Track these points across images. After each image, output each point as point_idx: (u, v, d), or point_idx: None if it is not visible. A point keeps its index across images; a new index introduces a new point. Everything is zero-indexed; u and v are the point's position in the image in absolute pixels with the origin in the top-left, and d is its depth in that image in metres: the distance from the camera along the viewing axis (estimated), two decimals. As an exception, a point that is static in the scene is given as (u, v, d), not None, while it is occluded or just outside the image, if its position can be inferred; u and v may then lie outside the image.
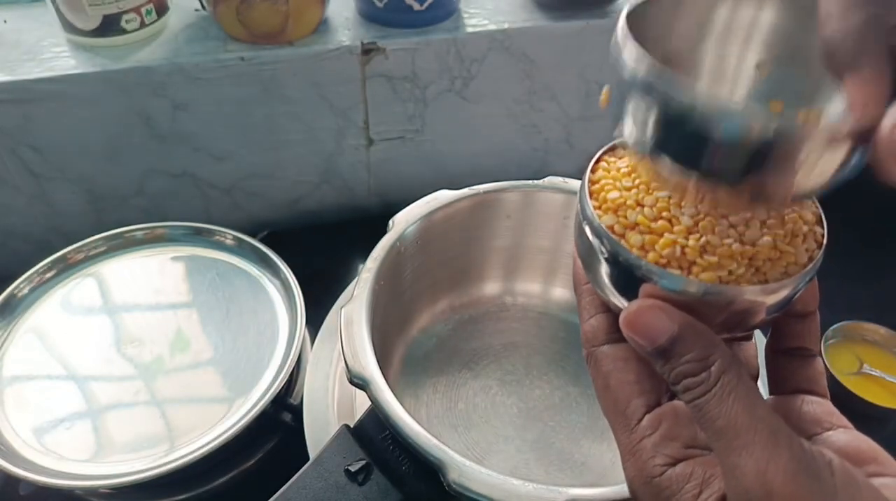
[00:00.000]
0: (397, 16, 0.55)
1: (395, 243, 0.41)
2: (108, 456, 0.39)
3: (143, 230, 0.51)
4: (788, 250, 0.21)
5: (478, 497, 0.29)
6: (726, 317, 0.21)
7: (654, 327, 0.20)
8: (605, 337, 0.23)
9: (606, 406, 0.23)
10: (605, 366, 0.23)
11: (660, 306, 0.20)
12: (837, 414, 0.23)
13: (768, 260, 0.21)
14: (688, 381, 0.20)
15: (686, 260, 0.21)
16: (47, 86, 0.50)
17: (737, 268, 0.21)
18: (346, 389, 0.43)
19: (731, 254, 0.21)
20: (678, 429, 0.21)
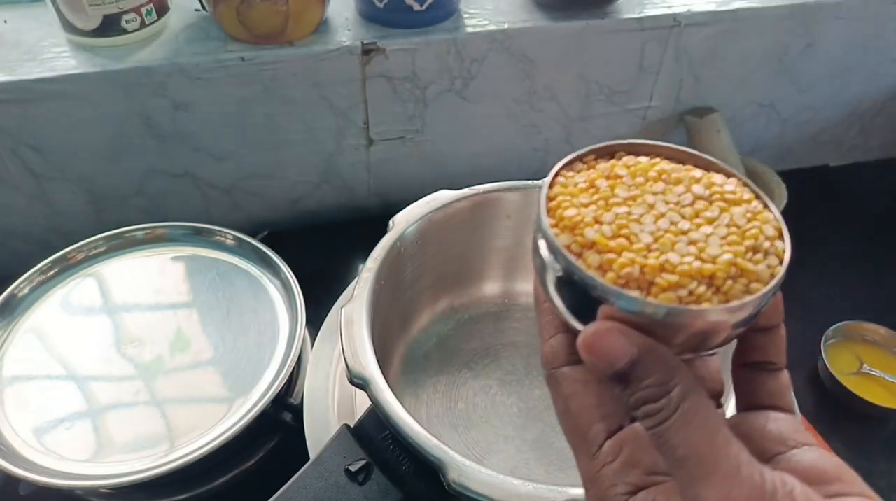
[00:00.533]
0: (397, 16, 0.55)
1: (395, 243, 0.41)
2: (108, 456, 0.39)
3: (144, 230, 0.51)
4: (749, 267, 0.21)
5: (478, 496, 0.29)
6: (687, 338, 0.21)
7: (612, 350, 0.20)
8: (566, 358, 0.23)
9: (567, 430, 0.22)
10: (566, 389, 0.22)
11: (618, 328, 0.20)
12: (803, 431, 0.22)
13: (729, 279, 0.21)
14: (647, 407, 0.19)
15: (645, 279, 0.20)
16: (47, 86, 0.50)
17: (697, 288, 0.20)
18: (346, 389, 0.43)
19: (691, 273, 0.20)
20: (639, 454, 0.21)
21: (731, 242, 0.21)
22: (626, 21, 0.58)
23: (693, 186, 0.23)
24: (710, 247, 0.21)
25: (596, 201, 0.23)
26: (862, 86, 0.70)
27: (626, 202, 0.22)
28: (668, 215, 0.22)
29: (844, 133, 0.74)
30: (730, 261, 0.21)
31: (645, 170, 0.24)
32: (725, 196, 0.23)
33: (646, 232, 0.21)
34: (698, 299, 0.20)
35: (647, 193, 0.23)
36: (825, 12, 0.61)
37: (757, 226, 0.22)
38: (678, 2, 0.59)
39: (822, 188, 0.73)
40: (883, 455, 0.49)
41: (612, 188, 0.23)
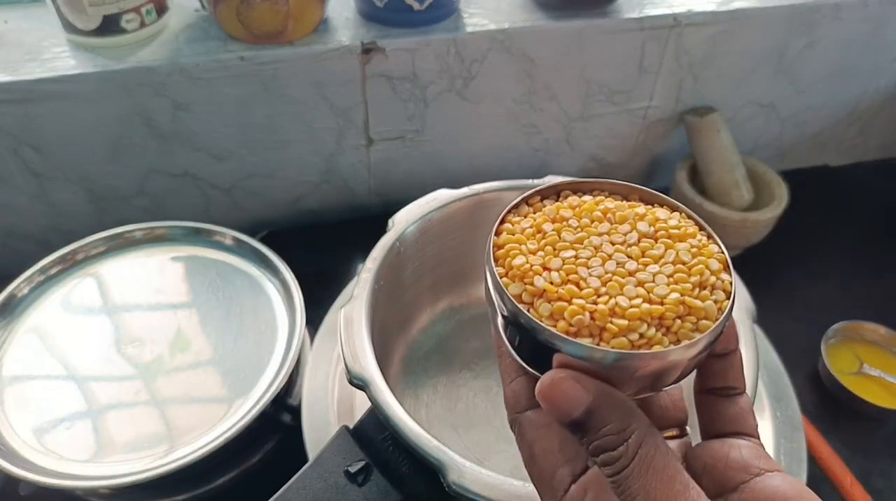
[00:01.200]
0: (397, 16, 0.55)
1: (395, 243, 0.41)
2: (108, 456, 0.39)
3: (143, 230, 0.51)
4: (696, 305, 0.21)
5: (478, 498, 0.29)
6: (642, 379, 0.21)
7: (568, 399, 0.20)
8: (528, 401, 0.23)
9: (532, 475, 0.23)
10: (529, 434, 0.22)
11: (573, 376, 0.20)
12: (765, 457, 0.22)
13: (678, 318, 0.21)
14: (605, 456, 0.20)
15: (596, 325, 0.21)
16: (48, 86, 0.50)
17: (647, 330, 0.21)
18: (345, 389, 0.43)
19: (640, 316, 0.21)
20: (605, 496, 0.21)
21: (678, 280, 0.22)
22: (627, 21, 0.58)
23: (638, 224, 0.23)
24: (657, 287, 0.21)
25: (543, 247, 0.23)
26: (862, 86, 0.70)
27: (573, 245, 0.23)
28: (615, 256, 0.22)
29: (844, 133, 0.74)
30: (678, 300, 0.21)
31: (590, 211, 0.24)
32: (670, 232, 0.23)
33: (594, 275, 0.22)
34: (649, 341, 0.20)
35: (592, 235, 0.23)
36: (825, 12, 0.61)
37: (702, 260, 0.22)
38: (678, 2, 0.59)
39: (822, 188, 0.72)
40: (883, 455, 0.49)
41: (558, 232, 0.23)
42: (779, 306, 0.52)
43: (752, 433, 0.23)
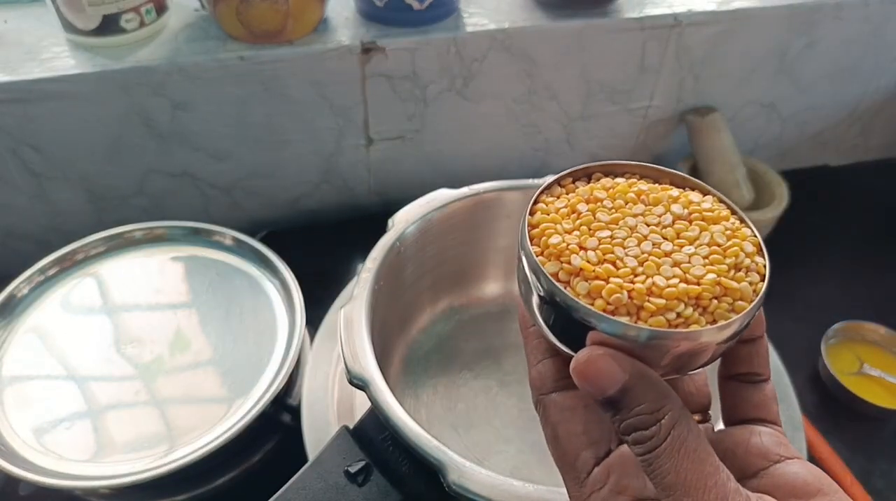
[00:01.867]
0: (397, 15, 0.55)
1: (395, 243, 0.41)
2: (108, 456, 0.39)
3: (143, 230, 0.51)
4: (733, 286, 0.21)
5: (478, 498, 0.29)
6: (675, 359, 0.21)
7: (604, 376, 0.20)
8: (553, 383, 0.23)
9: (556, 457, 0.23)
10: (553, 416, 0.22)
11: (610, 354, 0.20)
12: (786, 445, 0.22)
13: (714, 299, 0.21)
14: (638, 434, 0.20)
15: (634, 304, 0.21)
16: (47, 86, 0.50)
17: (684, 310, 0.21)
18: (345, 390, 0.43)
19: (678, 295, 0.21)
20: (627, 480, 0.21)
21: (714, 261, 0.22)
22: (627, 21, 0.58)
23: (672, 206, 0.23)
24: (693, 268, 0.21)
25: (578, 226, 0.23)
26: (862, 86, 0.70)
27: (609, 226, 0.23)
28: (651, 237, 0.22)
29: (844, 133, 0.74)
30: (714, 281, 0.21)
31: (624, 192, 0.24)
32: (704, 214, 0.23)
33: (630, 255, 0.22)
34: (686, 321, 0.21)
35: (627, 216, 0.23)
36: (825, 12, 0.61)
37: (736, 242, 0.23)
38: (678, 1, 0.59)
39: (822, 188, 0.72)
40: (883, 455, 0.49)
41: (593, 212, 0.23)
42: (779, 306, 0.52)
43: (775, 420, 0.23)
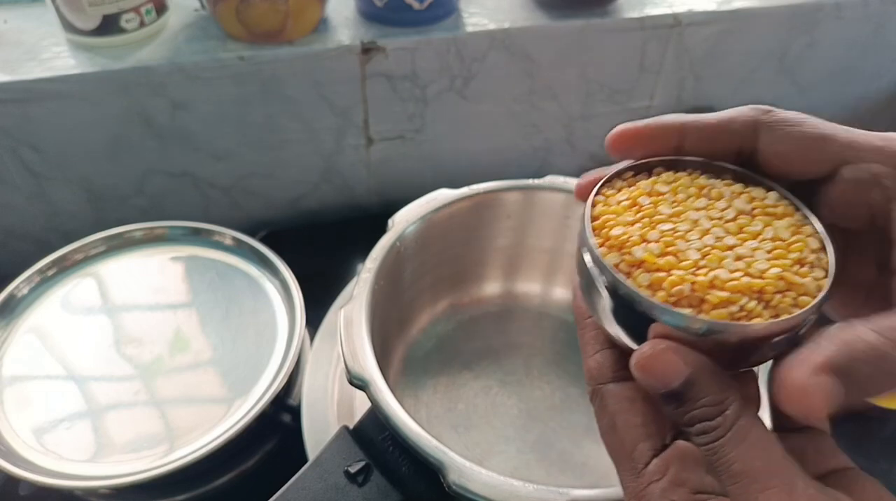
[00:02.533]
0: (397, 15, 0.55)
1: (395, 243, 0.41)
2: (108, 456, 0.39)
3: (143, 230, 0.51)
4: (797, 281, 0.21)
5: (478, 498, 0.29)
6: (736, 353, 0.21)
7: (667, 370, 0.20)
8: (611, 374, 0.23)
9: (612, 447, 0.22)
10: (612, 406, 0.22)
11: (672, 348, 0.20)
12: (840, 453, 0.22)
13: (777, 293, 0.21)
14: (703, 425, 0.19)
15: (696, 296, 0.20)
16: (47, 86, 0.50)
17: (747, 303, 0.20)
18: (345, 390, 0.43)
19: (741, 288, 0.20)
20: (686, 474, 0.20)
21: (777, 256, 0.21)
22: (627, 20, 0.57)
23: (734, 201, 0.23)
24: (757, 262, 0.21)
25: (640, 219, 0.23)
26: (862, 86, 0.70)
27: (671, 219, 0.23)
28: (713, 231, 0.22)
29: (845, 132, 0.74)
30: (778, 275, 0.21)
31: (686, 186, 0.24)
32: (767, 209, 0.23)
33: (692, 248, 0.22)
34: (749, 314, 0.20)
35: (689, 209, 0.23)
36: (825, 12, 0.61)
37: (801, 238, 0.22)
38: (679, 1, 0.59)
39: (823, 187, 0.72)
40: (883, 455, 0.49)
41: (655, 205, 0.23)
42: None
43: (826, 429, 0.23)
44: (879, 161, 0.22)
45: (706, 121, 0.24)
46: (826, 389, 0.18)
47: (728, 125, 0.24)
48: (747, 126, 0.24)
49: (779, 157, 0.23)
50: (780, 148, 0.23)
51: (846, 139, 0.22)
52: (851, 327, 0.19)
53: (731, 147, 0.24)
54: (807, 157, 0.23)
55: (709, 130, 0.24)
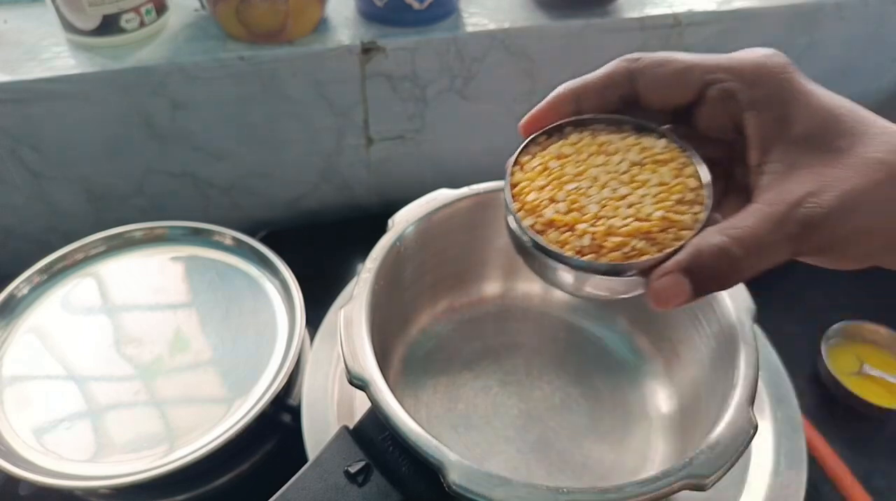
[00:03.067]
0: (397, 15, 0.55)
1: (395, 243, 0.41)
2: (108, 457, 0.39)
3: (143, 230, 0.51)
4: (676, 218, 0.26)
5: (478, 498, 0.29)
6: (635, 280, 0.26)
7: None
8: None
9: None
10: None
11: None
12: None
13: (661, 232, 0.25)
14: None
15: (596, 244, 0.26)
16: (47, 86, 0.50)
17: (637, 243, 0.25)
18: (345, 390, 0.43)
19: (631, 233, 0.25)
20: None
21: (661, 199, 0.26)
22: (627, 20, 0.57)
23: (628, 154, 0.28)
24: (645, 207, 0.26)
25: (551, 181, 0.27)
26: (863, 86, 0.70)
27: (575, 178, 0.27)
28: (610, 184, 0.27)
29: (845, 132, 0.74)
30: (661, 217, 0.25)
31: (588, 145, 0.28)
32: (656, 157, 0.27)
33: (593, 202, 0.26)
34: (639, 252, 0.25)
35: (591, 167, 0.27)
36: (825, 12, 0.61)
37: (681, 181, 0.27)
38: (679, 1, 0.59)
39: (823, 187, 0.72)
40: (884, 455, 0.49)
41: (562, 167, 0.28)
42: (779, 306, 0.52)
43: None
44: (733, 78, 0.26)
45: (591, 80, 0.28)
46: (671, 286, 0.24)
47: (608, 80, 0.28)
48: (624, 76, 0.28)
49: (655, 94, 0.27)
50: (653, 86, 0.27)
51: (706, 65, 0.26)
52: (703, 234, 0.24)
53: (616, 97, 0.28)
54: (676, 89, 0.27)
55: (595, 88, 0.28)
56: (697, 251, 0.24)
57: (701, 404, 0.39)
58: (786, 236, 0.23)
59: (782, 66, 0.26)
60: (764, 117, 0.25)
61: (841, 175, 0.23)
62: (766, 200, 0.24)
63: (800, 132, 0.25)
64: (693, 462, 0.29)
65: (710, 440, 0.30)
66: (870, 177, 0.23)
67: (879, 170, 0.23)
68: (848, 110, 0.25)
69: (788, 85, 0.25)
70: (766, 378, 0.44)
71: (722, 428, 0.30)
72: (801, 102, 0.25)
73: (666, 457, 0.41)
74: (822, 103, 0.25)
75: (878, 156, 0.23)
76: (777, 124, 0.25)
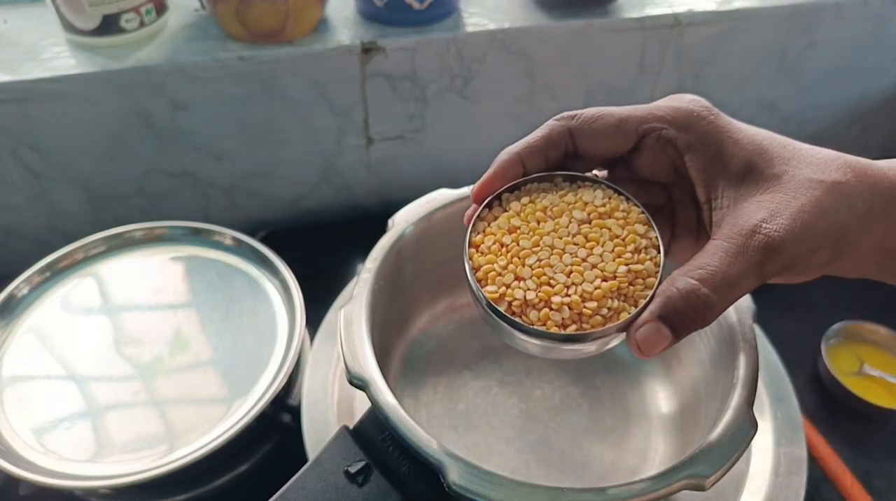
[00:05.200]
0: (397, 15, 0.55)
1: (395, 243, 0.41)
2: (108, 457, 0.39)
3: (143, 230, 0.51)
4: (640, 268, 0.27)
5: (478, 498, 0.29)
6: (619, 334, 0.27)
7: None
8: None
9: None
10: None
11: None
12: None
13: (630, 285, 0.26)
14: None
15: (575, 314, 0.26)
16: (47, 86, 0.50)
17: (612, 304, 0.26)
18: (345, 390, 0.43)
19: (604, 295, 0.26)
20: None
21: (619, 253, 0.27)
22: (627, 20, 0.57)
23: (573, 213, 0.28)
24: (607, 265, 0.27)
25: (511, 259, 0.28)
26: (863, 86, 0.70)
27: (533, 250, 0.28)
28: (567, 249, 0.27)
29: (845, 133, 0.74)
30: (625, 271, 0.27)
31: (532, 213, 0.29)
32: (599, 211, 0.28)
33: (558, 271, 0.27)
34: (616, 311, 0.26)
35: (543, 236, 0.28)
36: (825, 12, 0.61)
37: (630, 229, 0.28)
38: (679, 1, 0.59)
39: (823, 187, 0.72)
40: (884, 455, 0.49)
41: (517, 241, 0.28)
42: (779, 306, 0.52)
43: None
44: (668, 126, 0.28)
45: (532, 142, 0.29)
46: (652, 335, 0.25)
47: (548, 140, 0.29)
48: (563, 134, 0.29)
49: (595, 147, 0.29)
50: (592, 140, 0.29)
51: (640, 116, 0.29)
52: (670, 278, 0.26)
53: (558, 154, 0.29)
54: (614, 140, 0.29)
55: (537, 149, 0.29)
56: (667, 299, 0.25)
57: (701, 404, 0.39)
58: (749, 266, 0.25)
59: (707, 110, 0.28)
60: (702, 158, 0.28)
61: (785, 198, 0.25)
62: (723, 235, 0.26)
63: (736, 166, 0.27)
64: (693, 462, 0.29)
65: (710, 440, 0.30)
66: (809, 195, 0.25)
67: (816, 187, 0.25)
68: (771, 140, 0.28)
69: (716, 127, 0.28)
70: (766, 378, 0.44)
71: (722, 428, 0.30)
72: (731, 140, 0.27)
73: (666, 457, 0.41)
74: (749, 138, 0.27)
75: (810, 176, 0.26)
76: (715, 163, 0.27)
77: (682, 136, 0.28)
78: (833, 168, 0.26)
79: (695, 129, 0.28)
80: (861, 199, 0.26)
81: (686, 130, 0.28)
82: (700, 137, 0.28)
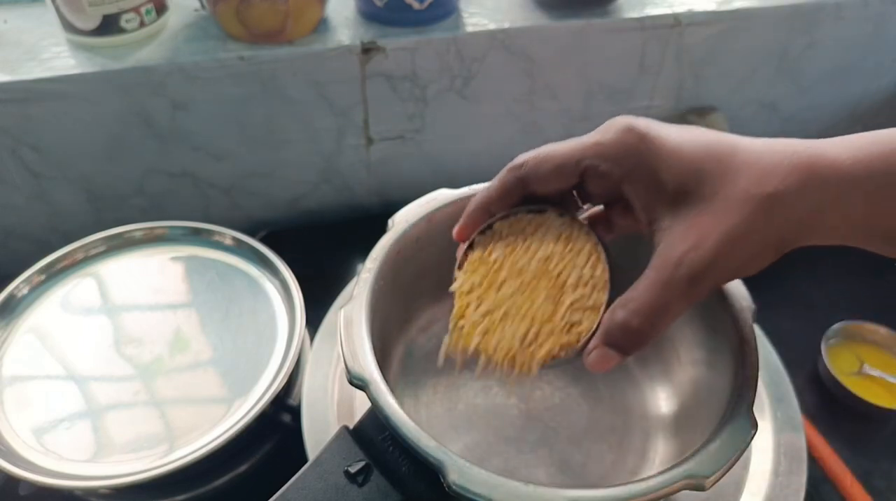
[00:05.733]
0: (397, 15, 0.55)
1: (395, 243, 0.41)
2: (108, 457, 0.39)
3: (143, 230, 0.51)
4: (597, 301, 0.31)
5: (478, 498, 0.29)
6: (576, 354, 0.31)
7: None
8: None
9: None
10: None
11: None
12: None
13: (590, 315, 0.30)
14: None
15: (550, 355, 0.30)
16: (47, 86, 0.50)
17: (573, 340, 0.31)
18: (345, 390, 0.43)
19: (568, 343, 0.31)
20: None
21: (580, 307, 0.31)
22: (627, 20, 0.58)
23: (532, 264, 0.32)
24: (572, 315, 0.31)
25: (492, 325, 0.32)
26: (863, 86, 0.70)
27: (513, 298, 0.32)
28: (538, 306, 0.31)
29: (845, 133, 0.73)
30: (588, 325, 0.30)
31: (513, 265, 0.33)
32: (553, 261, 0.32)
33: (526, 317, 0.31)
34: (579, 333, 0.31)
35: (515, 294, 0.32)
36: (825, 12, 0.61)
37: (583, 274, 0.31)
38: (679, 1, 0.59)
39: (823, 187, 0.72)
40: (884, 455, 0.49)
41: (499, 288, 0.33)
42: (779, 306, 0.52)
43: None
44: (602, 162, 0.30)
45: (492, 193, 0.33)
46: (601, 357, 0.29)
47: (504, 190, 0.33)
48: (515, 183, 0.32)
49: (544, 188, 0.32)
50: (541, 183, 0.32)
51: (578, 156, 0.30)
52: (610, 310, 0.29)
53: (515, 198, 0.33)
54: (560, 179, 0.31)
55: (498, 198, 0.33)
56: (606, 330, 0.28)
57: (701, 404, 0.39)
58: (677, 295, 0.26)
59: (639, 138, 0.29)
60: (639, 186, 0.29)
61: (713, 222, 0.26)
62: (655, 266, 0.27)
63: (672, 190, 0.28)
64: (693, 462, 0.29)
65: (710, 440, 0.30)
66: (740, 213, 0.26)
67: (747, 203, 0.26)
68: (707, 154, 0.28)
69: (648, 153, 0.28)
70: (766, 378, 0.44)
71: (722, 428, 0.30)
72: (665, 163, 0.28)
73: (666, 457, 0.41)
74: (684, 156, 0.28)
75: (742, 192, 0.26)
76: (651, 189, 0.29)
77: (617, 170, 0.29)
78: (774, 174, 0.26)
79: (627, 161, 0.29)
80: (804, 201, 0.26)
81: (620, 163, 0.29)
82: (634, 167, 0.29)
